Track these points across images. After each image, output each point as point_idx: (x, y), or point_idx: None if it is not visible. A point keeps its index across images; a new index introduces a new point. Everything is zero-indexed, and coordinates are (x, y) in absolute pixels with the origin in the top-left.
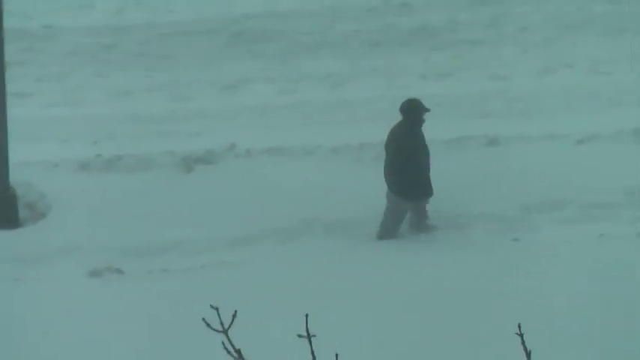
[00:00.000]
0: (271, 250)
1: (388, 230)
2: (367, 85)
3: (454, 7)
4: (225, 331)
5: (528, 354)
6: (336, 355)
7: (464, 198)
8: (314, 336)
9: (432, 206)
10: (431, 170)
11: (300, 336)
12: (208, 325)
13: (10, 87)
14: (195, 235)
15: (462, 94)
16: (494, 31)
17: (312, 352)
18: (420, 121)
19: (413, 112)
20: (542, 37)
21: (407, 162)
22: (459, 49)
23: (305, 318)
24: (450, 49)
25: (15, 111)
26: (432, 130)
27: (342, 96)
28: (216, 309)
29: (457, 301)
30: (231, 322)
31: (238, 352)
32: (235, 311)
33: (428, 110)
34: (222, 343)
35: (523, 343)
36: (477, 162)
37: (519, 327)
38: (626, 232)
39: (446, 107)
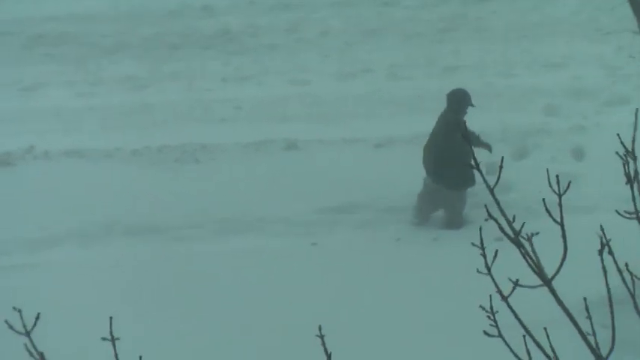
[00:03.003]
0: (71, 254)
1: (461, 218)
2: (167, 88)
3: (255, 12)
4: (27, 334)
5: (329, 355)
6: None
7: (263, 202)
8: (118, 339)
9: (234, 209)
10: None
11: (104, 339)
12: (11, 326)
13: None
14: None
15: (262, 98)
16: (294, 35)
17: (116, 356)
18: (463, 110)
19: (456, 99)
20: (342, 42)
21: (452, 154)
22: (260, 53)
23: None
24: (250, 53)
25: None
26: (229, 133)
27: (142, 99)
28: (19, 311)
29: (252, 307)
30: (34, 324)
31: (41, 354)
32: (38, 313)
33: (472, 105)
34: (25, 345)
35: (323, 344)
36: (276, 166)
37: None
38: (423, 237)
39: (246, 111)
